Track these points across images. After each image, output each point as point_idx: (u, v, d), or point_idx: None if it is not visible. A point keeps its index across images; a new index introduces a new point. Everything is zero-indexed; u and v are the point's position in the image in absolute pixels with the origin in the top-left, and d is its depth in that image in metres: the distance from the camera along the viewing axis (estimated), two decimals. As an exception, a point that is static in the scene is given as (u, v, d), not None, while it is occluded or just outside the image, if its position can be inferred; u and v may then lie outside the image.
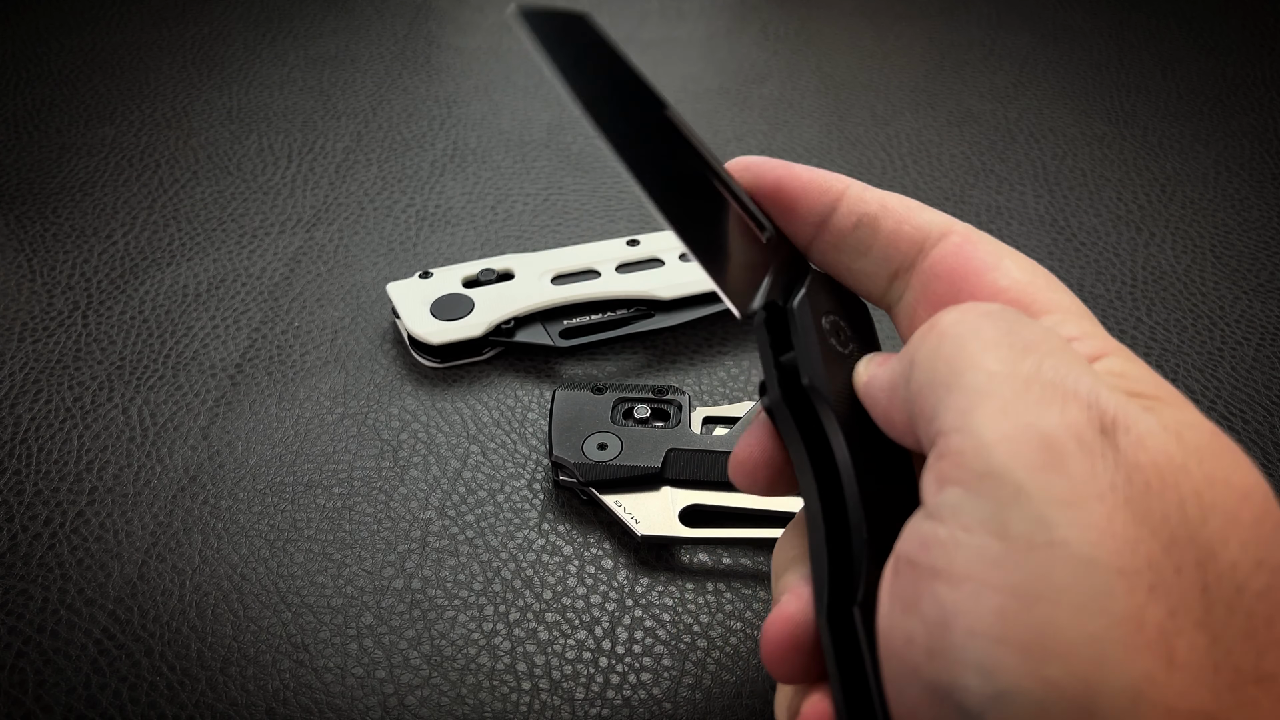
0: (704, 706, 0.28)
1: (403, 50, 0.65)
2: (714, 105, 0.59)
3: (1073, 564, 0.14)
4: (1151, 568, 0.14)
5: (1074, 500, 0.15)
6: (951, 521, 0.16)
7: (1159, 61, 0.65)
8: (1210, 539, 0.15)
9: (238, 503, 0.33)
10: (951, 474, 0.16)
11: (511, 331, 0.39)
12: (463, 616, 0.30)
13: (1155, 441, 0.15)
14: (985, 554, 0.15)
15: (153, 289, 0.43)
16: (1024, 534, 0.15)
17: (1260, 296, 0.44)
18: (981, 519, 0.15)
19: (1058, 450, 0.15)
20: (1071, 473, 0.15)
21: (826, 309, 0.22)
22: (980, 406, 0.16)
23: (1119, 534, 0.14)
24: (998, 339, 0.17)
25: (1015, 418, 0.16)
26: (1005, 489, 0.15)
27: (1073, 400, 0.16)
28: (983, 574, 0.15)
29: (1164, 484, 0.15)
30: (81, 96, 0.58)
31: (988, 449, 0.16)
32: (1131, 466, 0.15)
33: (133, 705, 0.27)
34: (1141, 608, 0.14)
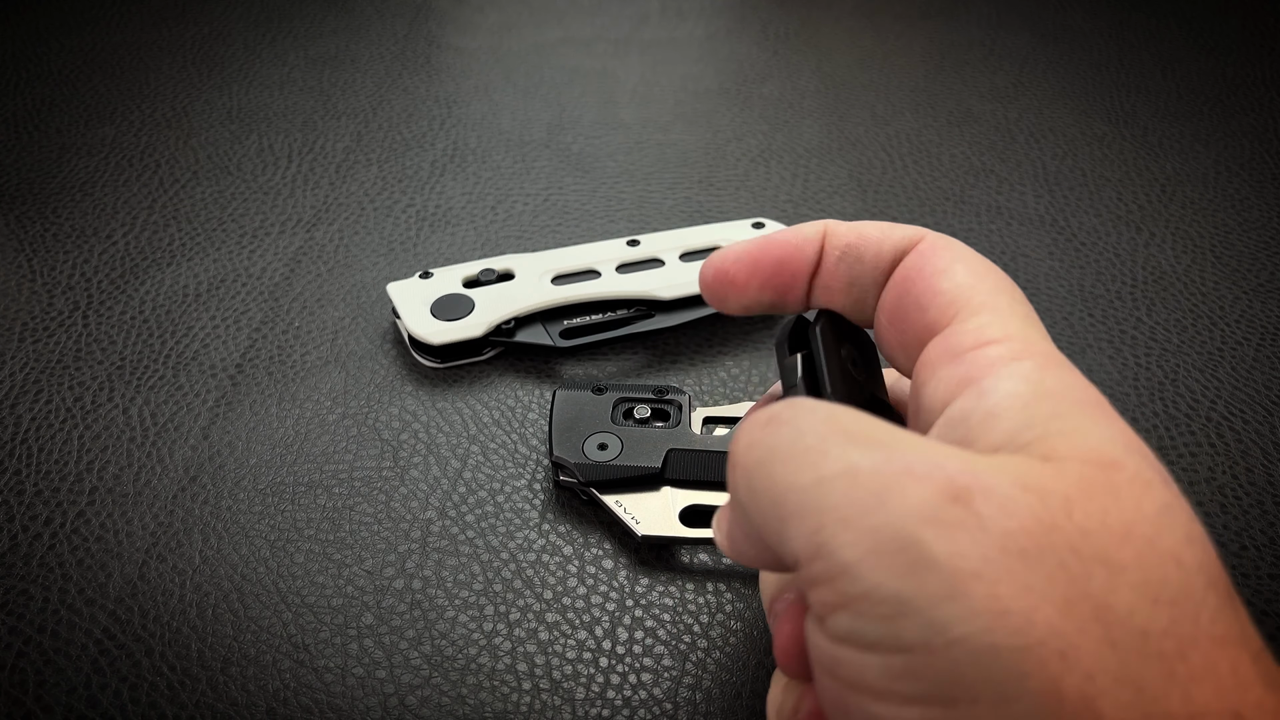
0: (704, 707, 0.28)
1: (403, 50, 0.65)
2: (714, 105, 0.59)
3: (976, 657, 0.14)
4: (1054, 635, 0.14)
5: (953, 593, 0.14)
6: (850, 644, 0.16)
7: (1159, 61, 0.65)
8: (1100, 591, 0.14)
9: (238, 503, 0.33)
10: (830, 600, 0.16)
11: (512, 332, 0.39)
12: (463, 616, 0.30)
13: (1017, 505, 0.15)
14: (892, 669, 0.15)
15: (153, 289, 0.43)
16: (920, 642, 0.14)
17: (1260, 296, 0.44)
18: (876, 639, 0.15)
19: (916, 546, 0.15)
20: (939, 562, 0.14)
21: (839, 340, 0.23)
22: (820, 526, 0.16)
23: (1010, 610, 0.14)
24: (790, 446, 0.17)
25: (857, 525, 0.15)
26: (885, 606, 0.15)
27: (909, 479, 0.15)
28: (897, 688, 0.15)
29: (1039, 547, 0.14)
30: (81, 96, 0.58)
31: (851, 572, 0.15)
32: (1002, 534, 0.14)
33: (133, 705, 0.27)
34: (1057, 679, 0.14)
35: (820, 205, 0.50)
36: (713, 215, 0.49)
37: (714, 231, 0.43)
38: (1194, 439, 0.36)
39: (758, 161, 0.53)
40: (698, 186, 0.51)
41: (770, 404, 0.18)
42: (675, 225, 0.48)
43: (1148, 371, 0.40)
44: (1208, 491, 0.34)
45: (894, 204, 0.50)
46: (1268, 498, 0.34)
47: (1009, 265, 0.46)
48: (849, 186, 0.52)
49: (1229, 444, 0.36)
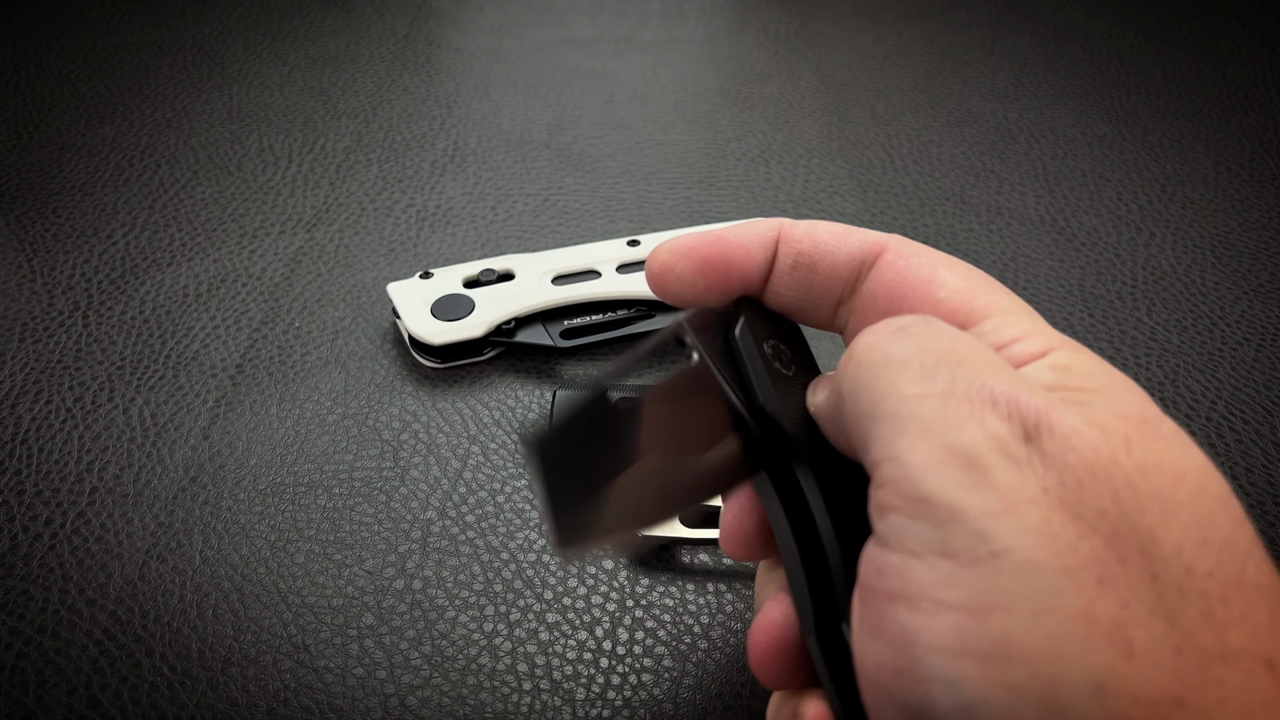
0: (704, 707, 0.28)
1: (403, 50, 0.65)
2: (714, 105, 0.59)
3: (1018, 570, 0.15)
4: (1097, 562, 0.15)
5: (1007, 510, 0.15)
6: (898, 547, 0.16)
7: (1159, 61, 0.65)
8: (1150, 526, 0.15)
9: (238, 503, 0.33)
10: (890, 501, 0.16)
11: (512, 332, 0.39)
12: (463, 617, 0.30)
13: (1081, 439, 0.16)
14: (935, 574, 0.15)
15: (153, 289, 0.43)
16: (966, 549, 0.15)
17: (1260, 297, 0.44)
18: (925, 541, 0.16)
19: (982, 467, 0.15)
20: (999, 485, 0.15)
21: (765, 335, 0.22)
22: (903, 433, 0.16)
23: (1058, 534, 0.15)
24: (908, 358, 0.17)
25: (936, 439, 0.16)
26: (940, 511, 0.15)
27: (991, 411, 0.16)
28: (936, 593, 0.15)
29: (1096, 479, 0.15)
30: (81, 96, 0.58)
31: (916, 475, 0.16)
32: (1061, 468, 0.15)
33: (133, 705, 0.27)
34: (1092, 602, 0.14)
35: (820, 205, 0.50)
36: (713, 215, 0.49)
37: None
38: (1194, 439, 0.36)
39: (758, 161, 0.53)
40: (698, 186, 0.51)
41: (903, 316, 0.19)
42: (675, 225, 0.48)
43: (1148, 371, 0.40)
44: (1208, 492, 0.34)
45: (894, 204, 0.50)
46: (1268, 498, 0.34)
47: (1009, 265, 0.46)
48: (849, 186, 0.52)
49: (1229, 444, 0.36)
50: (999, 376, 0.17)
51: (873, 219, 0.49)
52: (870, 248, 0.22)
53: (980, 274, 0.21)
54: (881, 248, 0.22)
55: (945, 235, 0.48)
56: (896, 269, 0.22)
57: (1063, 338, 0.19)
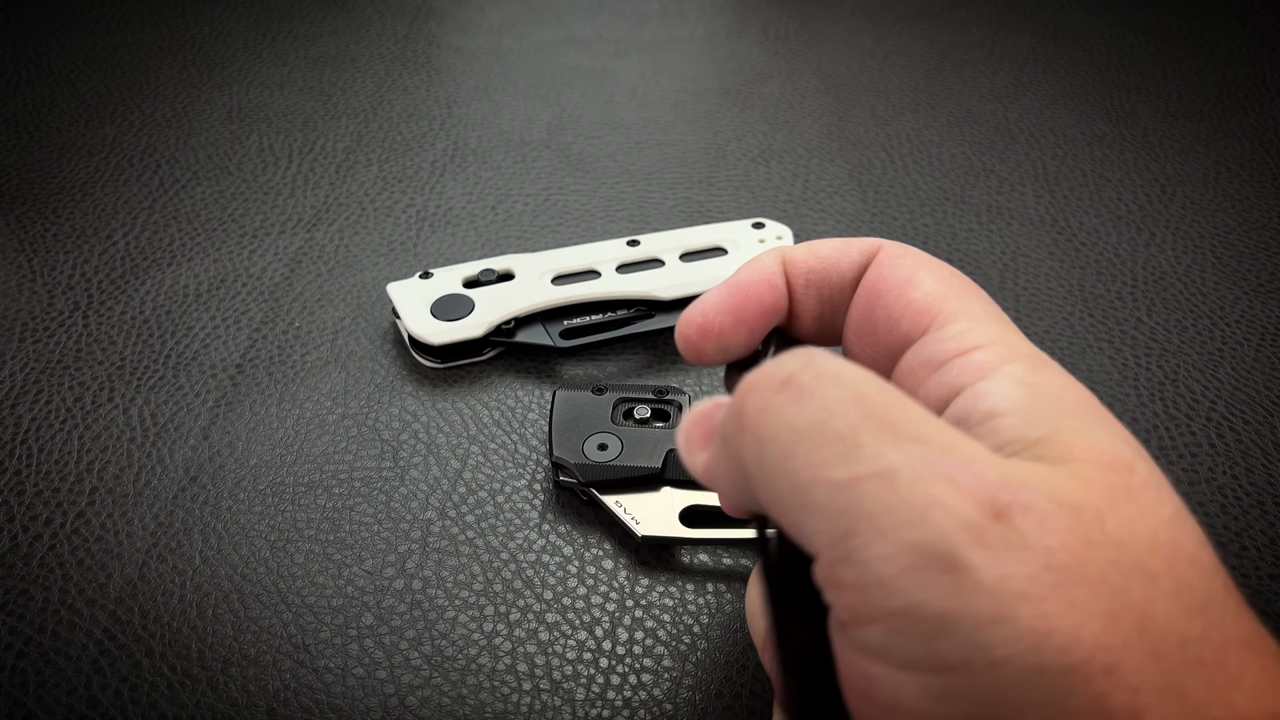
0: (704, 707, 0.28)
1: (403, 50, 0.65)
2: (714, 105, 0.59)
3: (1022, 679, 0.14)
4: (1100, 650, 0.14)
5: (1000, 615, 0.14)
6: (884, 660, 0.15)
7: (1159, 61, 0.65)
8: (1139, 602, 0.14)
9: (238, 503, 0.33)
10: (863, 611, 0.15)
11: (512, 332, 0.39)
12: (463, 617, 0.30)
13: (1056, 521, 0.14)
14: (932, 689, 0.14)
15: (153, 289, 0.43)
16: (964, 663, 0.14)
17: (1260, 297, 0.44)
18: (914, 657, 0.14)
19: (961, 567, 0.14)
20: (986, 584, 0.14)
21: None
22: (853, 532, 0.15)
23: (1056, 630, 0.14)
24: (816, 429, 0.15)
25: (896, 538, 0.14)
26: (927, 623, 0.14)
27: (950, 490, 0.14)
28: (937, 708, 0.14)
29: (1081, 562, 0.14)
30: (81, 96, 0.58)
31: (889, 587, 0.14)
32: (1044, 552, 0.14)
33: (133, 705, 0.27)
34: (1104, 696, 0.13)
35: (820, 205, 0.50)
36: (713, 215, 0.49)
37: (714, 231, 0.43)
38: (1194, 439, 0.36)
39: (758, 161, 0.53)
40: (698, 186, 0.51)
41: (781, 356, 0.17)
42: (675, 225, 0.48)
43: (1148, 372, 0.40)
44: (1208, 492, 0.34)
45: (894, 204, 0.50)
46: (1268, 498, 0.34)
47: (1009, 265, 0.46)
48: (849, 186, 0.52)
49: (1229, 444, 0.36)
50: (940, 441, 0.15)
51: (873, 219, 0.49)
52: (869, 252, 0.22)
53: (961, 280, 0.21)
54: (877, 249, 0.22)
55: (945, 235, 0.48)
56: (881, 269, 0.21)
57: (1028, 349, 0.19)
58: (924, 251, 0.22)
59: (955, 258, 0.46)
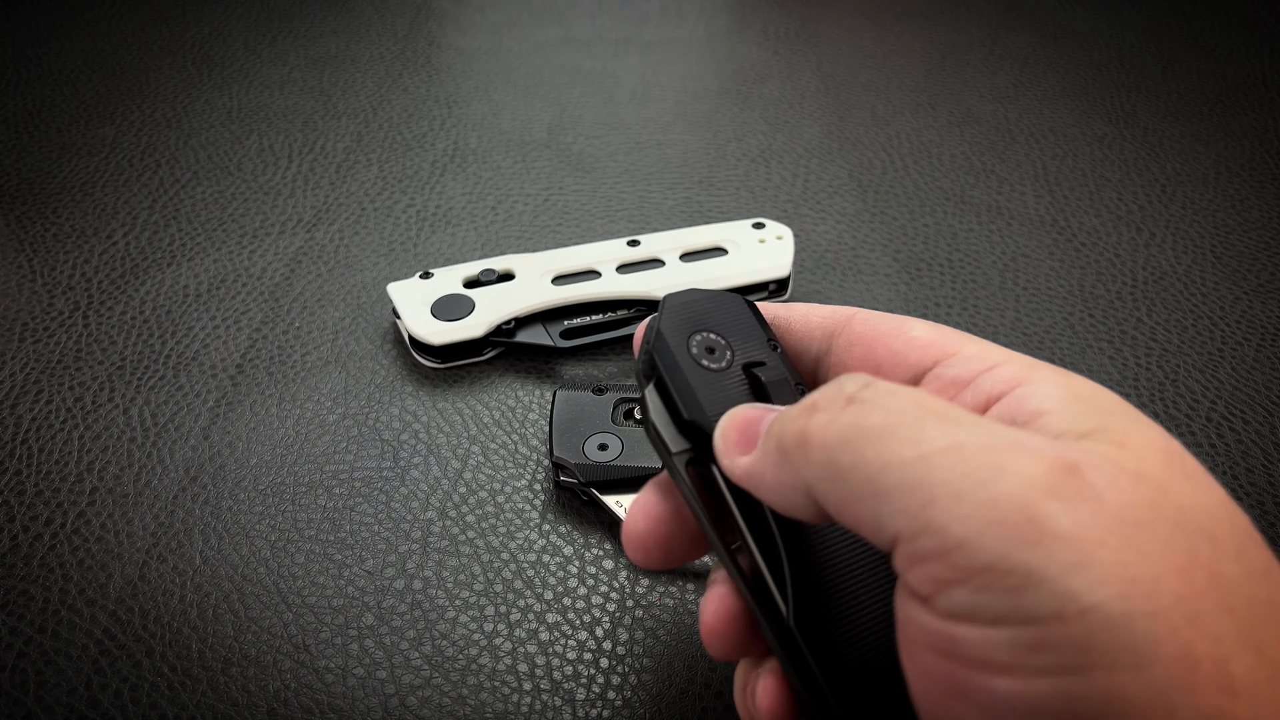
0: (704, 707, 0.28)
1: (403, 50, 0.65)
2: (714, 105, 0.59)
3: (1111, 624, 0.14)
4: (1180, 600, 0.14)
5: (1083, 561, 0.14)
6: (972, 620, 0.15)
7: (1159, 61, 0.65)
8: (1208, 561, 0.15)
9: (238, 503, 0.33)
10: (946, 576, 0.15)
11: (512, 332, 0.39)
12: (464, 617, 0.30)
13: (1123, 481, 0.15)
14: (1021, 642, 0.14)
15: (153, 289, 0.43)
16: (1052, 613, 0.14)
17: (1260, 297, 0.44)
18: (1002, 612, 0.15)
19: (1041, 514, 0.14)
20: (1065, 533, 0.14)
21: (691, 329, 0.22)
22: (931, 501, 0.15)
23: (1138, 578, 0.14)
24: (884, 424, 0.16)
25: (974, 498, 0.15)
26: (1012, 578, 0.14)
27: (1019, 452, 0.15)
28: (1027, 660, 0.14)
29: (1151, 518, 0.15)
30: (81, 96, 0.58)
31: (971, 545, 0.15)
32: (1118, 506, 0.15)
33: (134, 706, 0.27)
34: (1189, 644, 0.14)
35: (820, 205, 0.50)
36: (713, 215, 0.49)
37: (714, 231, 0.43)
38: (1194, 439, 0.36)
39: (758, 161, 0.53)
40: (698, 186, 0.51)
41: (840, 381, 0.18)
42: (675, 225, 0.48)
43: (1148, 372, 0.40)
44: (1208, 492, 0.34)
45: (894, 204, 0.50)
46: (1268, 498, 0.34)
47: (1009, 265, 0.46)
48: (849, 186, 0.52)
49: (1229, 444, 0.36)
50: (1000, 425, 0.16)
51: (873, 219, 0.49)
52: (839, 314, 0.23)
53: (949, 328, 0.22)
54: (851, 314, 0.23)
55: (945, 235, 0.48)
56: (869, 323, 0.23)
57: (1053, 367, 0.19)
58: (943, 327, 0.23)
59: (955, 258, 0.46)
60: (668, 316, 0.22)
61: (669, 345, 0.22)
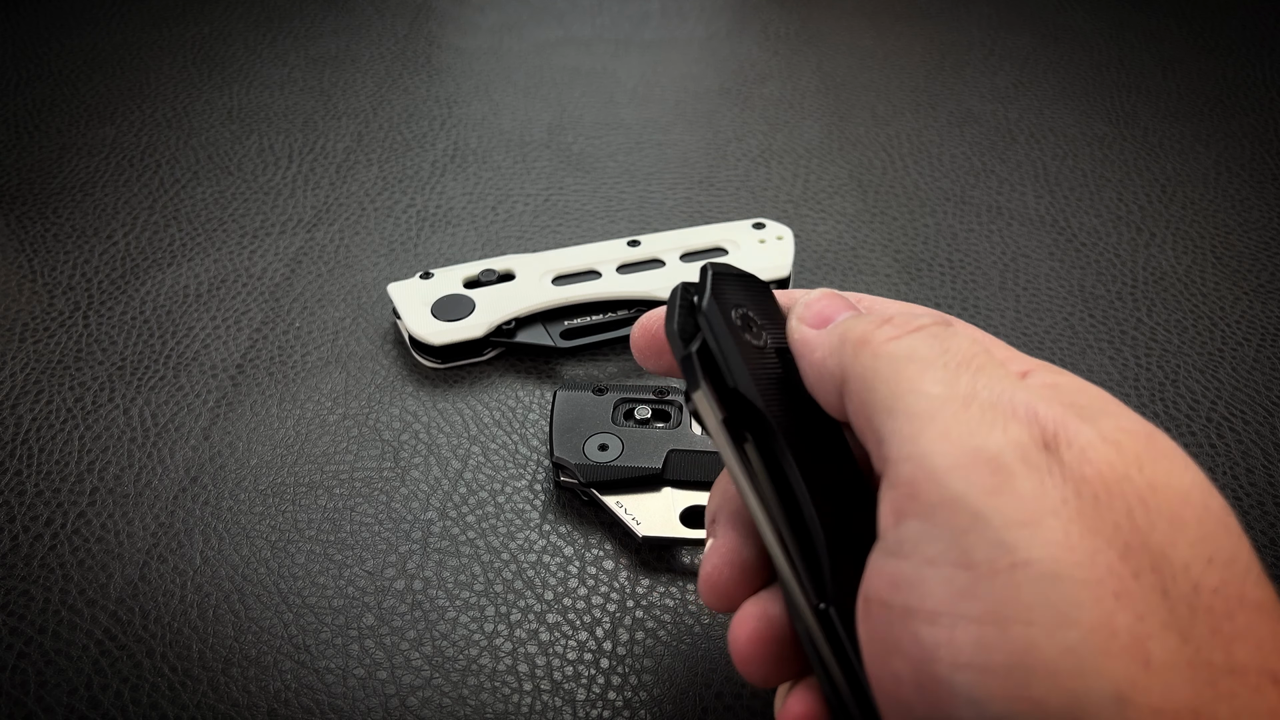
0: (704, 707, 0.28)
1: (403, 50, 0.65)
2: (715, 105, 0.59)
3: (1039, 582, 0.15)
4: (1113, 575, 0.15)
5: (1029, 520, 0.15)
6: (914, 556, 0.16)
7: (1159, 62, 0.65)
8: (1161, 543, 0.15)
9: (239, 503, 0.33)
10: (907, 506, 0.16)
11: (512, 332, 0.39)
12: (464, 617, 0.30)
13: (1097, 453, 0.16)
14: (953, 585, 0.15)
15: (153, 289, 0.43)
16: (987, 560, 0.15)
17: (1260, 297, 0.44)
18: (943, 549, 0.16)
19: (1006, 471, 0.16)
20: (1023, 493, 0.15)
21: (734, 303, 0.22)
22: (924, 432, 0.17)
23: (1077, 546, 0.15)
24: (931, 358, 0.18)
25: (960, 442, 0.16)
26: (961, 517, 0.15)
27: (1013, 418, 0.16)
28: (955, 606, 0.15)
29: (1111, 494, 0.15)
30: (81, 96, 0.58)
31: (939, 477, 0.16)
32: (1078, 480, 0.15)
33: (134, 706, 0.27)
34: (1111, 615, 0.14)
35: (820, 205, 0.50)
36: (713, 215, 0.49)
37: (714, 231, 0.43)
38: (1194, 439, 0.36)
39: (758, 161, 0.53)
40: (698, 186, 0.51)
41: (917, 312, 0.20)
42: (676, 225, 0.48)
43: (1148, 372, 0.40)
44: (1208, 492, 0.34)
45: (894, 204, 0.50)
46: (1268, 498, 0.34)
47: (1009, 265, 0.46)
48: (849, 186, 0.52)
49: (1229, 445, 0.36)
50: (1015, 387, 0.17)
51: (873, 219, 0.49)
52: None
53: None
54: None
55: (945, 235, 0.48)
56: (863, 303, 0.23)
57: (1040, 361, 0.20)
58: None
59: (955, 258, 0.46)
60: (716, 285, 0.22)
61: (720, 313, 0.21)
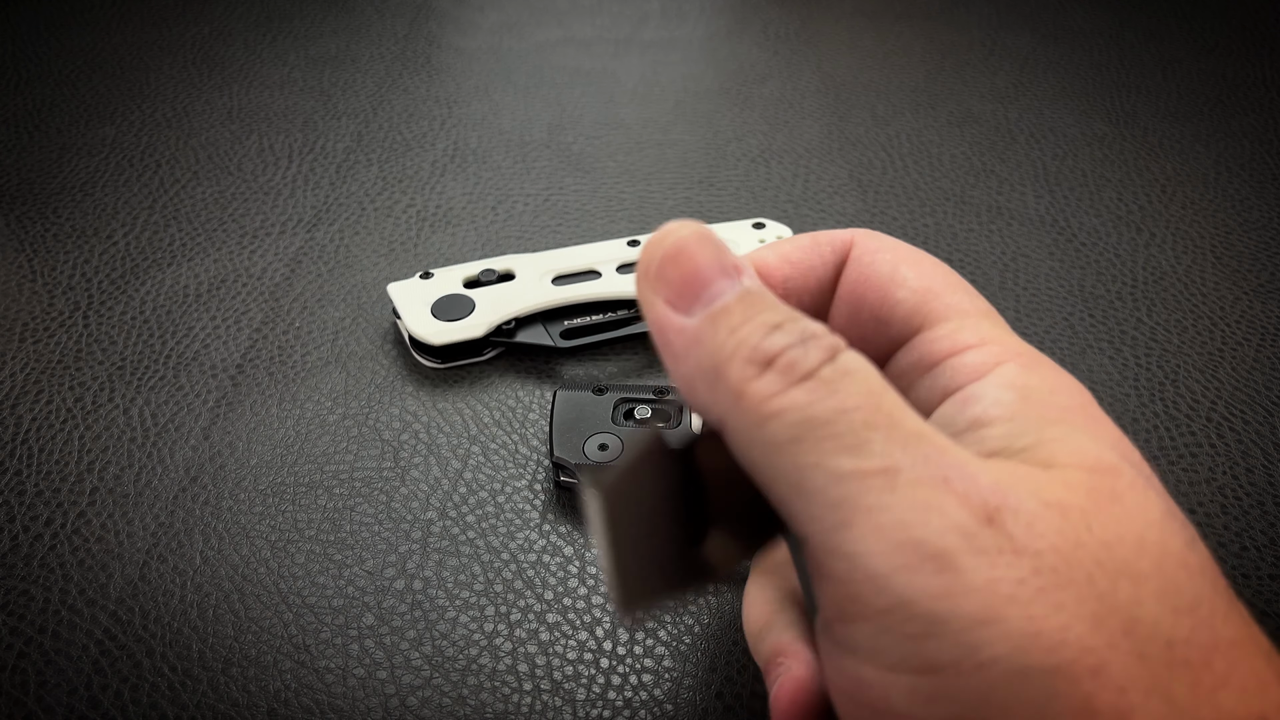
0: (704, 707, 0.28)
1: (403, 50, 0.65)
2: (714, 105, 0.59)
3: (1009, 679, 0.14)
4: (1086, 652, 0.14)
5: (989, 616, 0.14)
6: (873, 661, 0.15)
7: (1159, 61, 0.65)
8: (1126, 604, 0.14)
9: (239, 503, 0.33)
10: (851, 609, 0.15)
11: (512, 332, 0.39)
12: (464, 617, 0.30)
13: (1044, 524, 0.15)
14: (920, 691, 0.14)
15: (153, 289, 0.43)
16: (952, 663, 0.14)
17: (1260, 297, 0.44)
18: (903, 657, 0.15)
19: (954, 568, 0.14)
20: (976, 585, 0.14)
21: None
22: (848, 524, 0.15)
23: (1043, 631, 0.14)
24: (830, 420, 0.15)
25: (894, 536, 0.14)
26: (916, 622, 0.14)
27: (947, 494, 0.15)
28: (926, 710, 0.14)
29: (1069, 564, 0.14)
30: (81, 96, 0.58)
31: (880, 583, 0.14)
32: (1033, 556, 0.14)
33: (134, 706, 0.27)
34: (1090, 697, 0.14)
35: (820, 205, 0.50)
36: (713, 215, 0.49)
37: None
38: (1194, 439, 0.36)
39: (758, 161, 0.53)
40: (698, 186, 0.51)
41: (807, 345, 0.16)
42: (675, 225, 0.48)
43: (1148, 372, 0.40)
44: (1208, 492, 0.34)
45: (894, 204, 0.50)
46: (1268, 498, 0.34)
47: (1009, 265, 0.46)
48: (849, 186, 0.52)
49: (1229, 445, 0.36)
50: (936, 446, 0.15)
51: (873, 219, 0.49)
52: (841, 249, 0.21)
53: (943, 270, 0.21)
54: (849, 244, 0.21)
55: (945, 235, 0.48)
56: (860, 267, 0.21)
57: (1019, 346, 0.19)
58: (897, 239, 0.21)
59: (955, 258, 0.46)
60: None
61: None
